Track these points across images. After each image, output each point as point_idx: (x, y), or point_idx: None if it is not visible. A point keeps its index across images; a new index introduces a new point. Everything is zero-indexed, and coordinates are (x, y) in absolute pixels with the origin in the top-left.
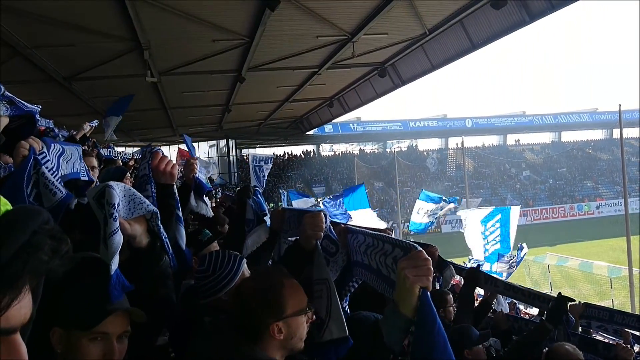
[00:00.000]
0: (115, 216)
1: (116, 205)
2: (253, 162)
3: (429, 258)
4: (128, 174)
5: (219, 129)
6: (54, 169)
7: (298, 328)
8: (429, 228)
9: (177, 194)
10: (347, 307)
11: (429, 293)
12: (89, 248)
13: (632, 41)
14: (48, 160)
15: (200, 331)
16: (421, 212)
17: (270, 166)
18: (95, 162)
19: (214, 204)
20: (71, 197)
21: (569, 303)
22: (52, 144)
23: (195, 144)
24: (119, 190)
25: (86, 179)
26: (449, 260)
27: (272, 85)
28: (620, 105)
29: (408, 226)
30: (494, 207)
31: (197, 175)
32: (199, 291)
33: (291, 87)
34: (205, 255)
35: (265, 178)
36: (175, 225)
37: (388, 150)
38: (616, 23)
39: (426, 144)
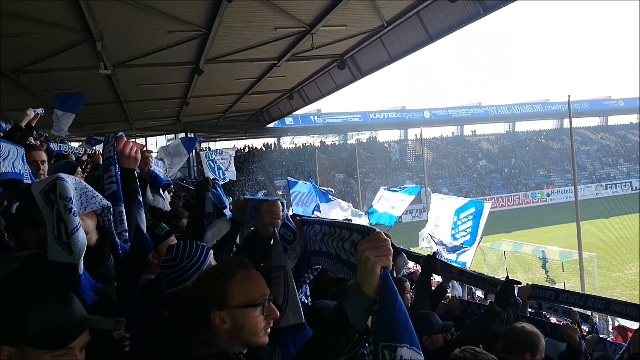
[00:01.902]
0: (75, 211)
1: (72, 199)
2: (206, 159)
3: (388, 239)
4: (79, 169)
5: (177, 123)
6: None
7: (247, 321)
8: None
9: (137, 179)
10: (303, 297)
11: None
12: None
13: (581, 33)
14: None
15: (160, 323)
16: (383, 200)
17: (227, 156)
18: (44, 156)
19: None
20: None
21: (516, 285)
22: None
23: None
24: (71, 183)
25: (29, 181)
26: (407, 249)
27: (231, 78)
28: (569, 96)
29: (370, 217)
30: (470, 198)
31: (152, 168)
32: (165, 280)
33: (250, 80)
34: (173, 245)
35: (224, 169)
36: (138, 209)
37: (349, 142)
38: (565, 17)
39: (386, 136)
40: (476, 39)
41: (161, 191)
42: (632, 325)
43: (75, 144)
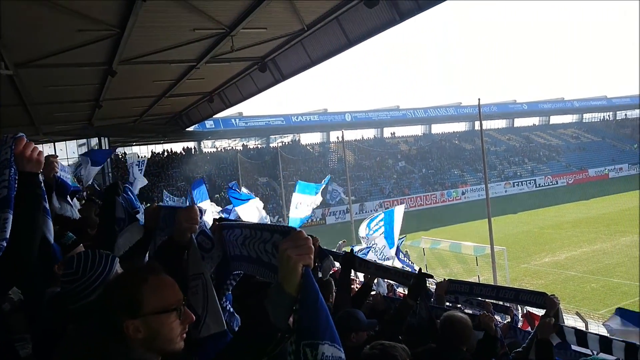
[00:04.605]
0: None
1: None
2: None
3: (309, 237)
4: None
5: (89, 127)
6: None
7: (162, 328)
8: (308, 220)
9: (42, 184)
10: (228, 304)
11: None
12: None
13: (489, 38)
14: None
15: (65, 339)
16: (300, 207)
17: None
18: None
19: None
20: None
21: (429, 279)
22: None
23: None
24: None
25: None
26: (331, 250)
27: (147, 80)
28: (479, 99)
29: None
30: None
31: (58, 174)
32: (68, 296)
33: (168, 82)
34: (73, 257)
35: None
36: (43, 217)
37: (271, 145)
38: (475, 23)
39: (308, 138)
40: (394, 44)
41: (69, 198)
42: (539, 312)
43: None
